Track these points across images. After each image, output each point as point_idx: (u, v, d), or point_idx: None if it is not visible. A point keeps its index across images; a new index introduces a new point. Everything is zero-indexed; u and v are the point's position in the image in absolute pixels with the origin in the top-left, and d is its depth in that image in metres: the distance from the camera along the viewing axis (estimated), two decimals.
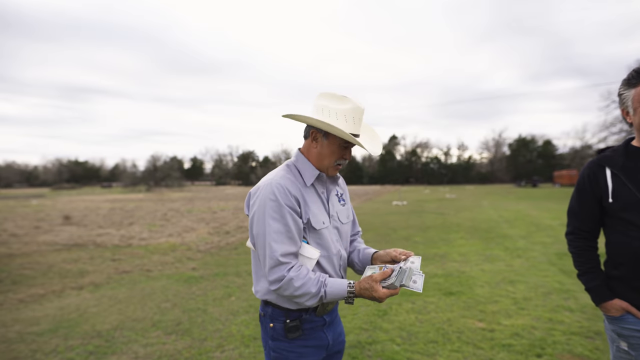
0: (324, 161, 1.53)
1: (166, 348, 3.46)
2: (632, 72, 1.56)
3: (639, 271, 1.56)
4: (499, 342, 3.43)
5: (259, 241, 1.44)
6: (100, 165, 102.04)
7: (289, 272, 1.39)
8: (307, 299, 1.41)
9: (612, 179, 1.63)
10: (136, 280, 6.04)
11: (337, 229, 1.61)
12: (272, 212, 1.41)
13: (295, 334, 1.49)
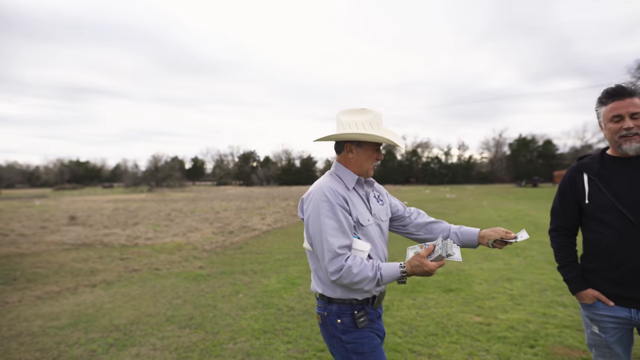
0: (363, 166, 1.78)
1: (181, 340, 3.67)
2: (604, 92, 1.80)
3: (609, 264, 1.79)
4: (495, 334, 3.64)
5: (316, 239, 1.63)
6: (102, 165, 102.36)
7: (346, 261, 1.57)
8: (365, 284, 1.57)
9: (589, 183, 1.85)
10: (146, 278, 6.25)
11: (379, 226, 1.83)
12: (326, 212, 1.61)
13: (364, 323, 1.67)
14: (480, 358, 3.19)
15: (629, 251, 1.72)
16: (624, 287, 1.76)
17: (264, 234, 11.40)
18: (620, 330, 1.83)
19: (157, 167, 61.70)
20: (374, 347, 1.67)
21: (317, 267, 1.72)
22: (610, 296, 1.81)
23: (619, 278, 1.77)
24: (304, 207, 1.72)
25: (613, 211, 1.76)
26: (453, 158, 72.15)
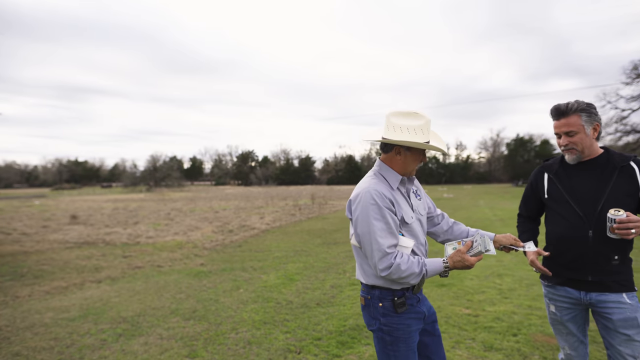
0: (409, 168, 1.89)
1: (186, 331, 3.89)
2: (552, 109, 2.07)
3: (561, 250, 2.07)
4: (481, 325, 3.88)
5: (364, 239, 1.76)
6: (100, 165, 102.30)
7: (395, 259, 1.71)
8: (412, 278, 1.73)
9: (548, 181, 2.16)
10: (149, 275, 6.46)
11: (419, 220, 1.96)
12: (374, 214, 1.73)
13: (403, 309, 1.81)
14: (466, 345, 3.42)
15: (576, 240, 1.99)
16: (572, 270, 2.03)
17: (262, 233, 11.62)
18: (574, 310, 2.09)
19: (156, 166, 61.78)
20: (408, 333, 1.82)
21: (362, 261, 1.87)
22: (562, 278, 2.08)
23: (568, 263, 2.05)
24: (352, 208, 1.83)
25: (566, 205, 2.04)
26: (451, 158, 72.48)
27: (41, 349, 3.53)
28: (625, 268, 1.96)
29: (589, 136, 1.99)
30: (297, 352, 3.35)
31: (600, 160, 2.02)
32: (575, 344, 2.14)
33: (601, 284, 1.96)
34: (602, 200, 1.94)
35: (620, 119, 29.57)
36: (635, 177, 1.95)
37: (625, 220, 1.80)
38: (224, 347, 3.49)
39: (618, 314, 1.92)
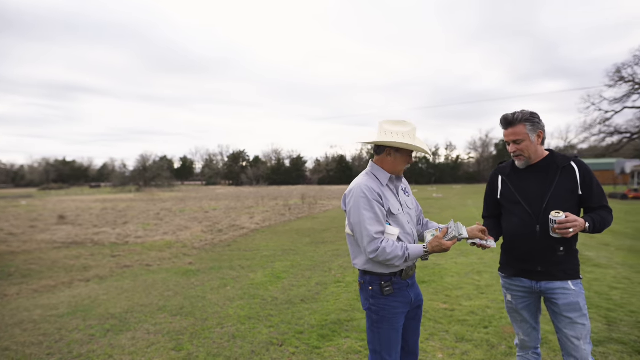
0: (398, 168, 2.18)
1: (173, 326, 4.02)
2: (501, 119, 2.28)
3: (514, 244, 2.29)
4: (456, 318, 4.07)
5: (356, 227, 2.04)
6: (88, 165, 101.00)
7: (381, 243, 1.98)
8: (396, 260, 1.98)
9: (502, 183, 2.38)
10: (137, 274, 6.56)
11: (408, 214, 2.22)
12: (364, 205, 2.02)
13: (389, 291, 2.07)
14: (439, 337, 3.61)
15: (526, 235, 2.20)
16: (524, 262, 2.24)
17: (252, 233, 11.73)
18: (528, 299, 2.29)
19: (146, 166, 61.27)
20: (393, 314, 2.08)
21: (356, 249, 2.15)
22: (516, 270, 2.29)
23: (520, 256, 2.26)
24: (346, 201, 2.14)
25: (516, 204, 2.26)
26: (441, 158, 73.20)
27: (30, 344, 3.64)
28: (570, 258, 2.17)
29: (533, 143, 2.20)
30: (279, 345, 3.51)
31: (546, 162, 2.24)
32: (528, 330, 2.34)
33: (549, 273, 2.17)
34: (547, 199, 2.16)
35: (603, 120, 30.29)
36: (575, 175, 2.17)
37: (564, 221, 2.01)
38: (209, 341, 3.63)
39: (563, 299, 2.13)
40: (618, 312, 4.21)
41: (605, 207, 2.19)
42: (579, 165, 2.19)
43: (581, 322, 2.11)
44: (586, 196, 2.17)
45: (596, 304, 4.49)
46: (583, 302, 2.14)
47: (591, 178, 2.18)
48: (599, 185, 2.20)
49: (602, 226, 2.12)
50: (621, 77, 28.48)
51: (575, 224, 2.02)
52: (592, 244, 8.80)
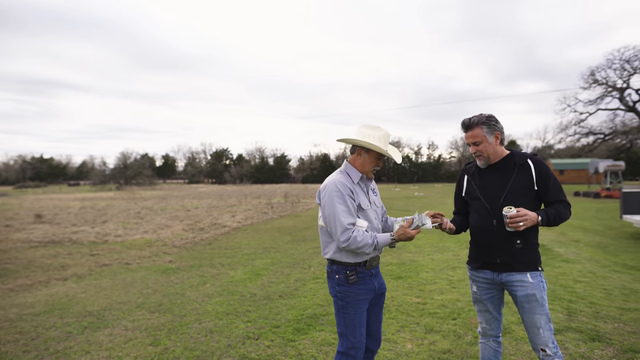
0: (366, 168, 2.38)
1: (151, 322, 4.07)
2: (461, 123, 2.43)
3: (477, 238, 2.46)
4: (427, 311, 4.24)
5: (330, 219, 2.22)
6: (67, 162, 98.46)
7: (353, 232, 2.18)
8: (366, 248, 2.18)
9: (467, 181, 2.55)
10: (116, 272, 6.54)
11: (375, 211, 2.44)
12: (337, 199, 2.22)
13: (353, 280, 2.27)
14: (410, 329, 3.77)
15: (485, 229, 2.37)
16: (486, 255, 2.40)
17: (233, 231, 11.75)
18: (491, 290, 2.44)
19: (126, 164, 60.16)
20: (357, 300, 2.28)
21: (327, 239, 2.34)
22: (480, 262, 2.44)
23: (481, 248, 2.43)
24: (321, 195, 2.32)
25: (478, 201, 2.43)
26: (423, 157, 74.15)
27: (6, 342, 3.64)
28: (528, 250, 2.29)
29: (491, 144, 2.36)
30: (255, 339, 3.60)
31: (505, 161, 2.39)
32: (490, 320, 2.50)
33: (508, 264, 2.31)
34: (503, 195, 2.31)
35: (578, 121, 31.26)
36: (531, 172, 2.31)
37: (514, 215, 2.16)
38: (186, 336, 3.70)
39: (521, 290, 2.27)
40: (579, 303, 4.45)
41: (563, 201, 2.30)
42: (535, 163, 2.32)
43: (539, 312, 2.24)
44: (542, 191, 2.29)
45: (560, 296, 4.73)
46: (541, 293, 2.25)
47: (547, 174, 2.30)
48: (555, 180, 2.32)
49: (558, 220, 2.24)
50: (595, 79, 29.47)
51: (525, 218, 2.15)
52: (564, 241, 9.16)
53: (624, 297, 4.72)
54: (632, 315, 4.06)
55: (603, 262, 6.88)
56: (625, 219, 9.48)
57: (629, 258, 7.21)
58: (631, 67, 27.74)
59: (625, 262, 6.92)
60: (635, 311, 4.18)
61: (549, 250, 7.80)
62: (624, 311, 4.18)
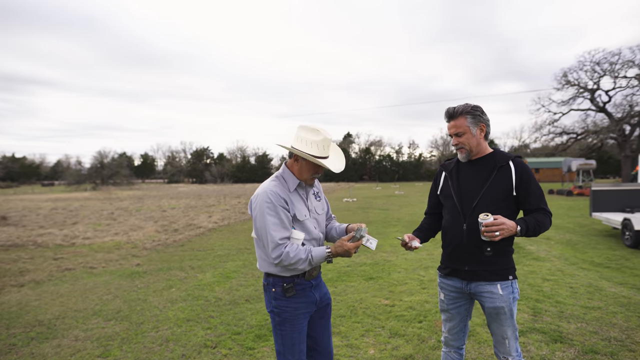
0: (303, 175, 2.13)
1: (105, 331, 3.86)
2: (445, 112, 2.26)
3: (446, 242, 2.29)
4: (394, 314, 4.17)
5: (261, 232, 2.01)
6: (41, 162, 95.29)
7: (285, 248, 1.97)
8: (300, 264, 1.97)
9: (444, 178, 2.35)
10: (79, 277, 6.26)
11: (316, 219, 2.21)
12: (269, 211, 1.99)
13: (291, 293, 2.07)
14: (374, 333, 3.68)
15: (455, 233, 2.19)
16: (454, 261, 2.23)
17: (209, 232, 11.50)
18: (459, 300, 2.26)
19: (103, 163, 58.57)
20: (295, 316, 2.08)
21: (261, 252, 2.12)
22: (449, 269, 2.27)
23: (450, 253, 2.26)
24: (252, 206, 2.09)
25: (450, 201, 2.24)
26: (404, 156, 74.72)
27: None
28: (499, 259, 2.11)
29: (475, 136, 2.16)
30: (212, 347, 3.45)
31: (486, 159, 2.19)
32: (454, 331, 2.32)
33: (476, 273, 2.13)
34: (478, 197, 2.10)
35: (552, 121, 32.00)
36: (511, 175, 2.10)
37: (490, 223, 1.95)
38: (139, 346, 3.51)
39: (490, 302, 2.10)
40: (545, 302, 4.46)
41: (543, 209, 2.10)
42: (516, 165, 2.12)
43: (506, 325, 2.12)
44: (522, 198, 2.10)
45: (527, 295, 4.73)
46: (510, 306, 2.10)
47: (529, 179, 2.10)
48: (537, 187, 2.13)
49: (538, 230, 2.05)
50: (567, 81, 30.20)
51: (502, 227, 1.95)
52: (535, 239, 9.29)
53: (588, 295, 4.76)
54: (595, 314, 4.08)
55: (572, 259, 6.98)
56: (595, 217, 9.68)
57: (597, 255, 7.34)
58: (601, 69, 28.56)
59: (592, 259, 7.04)
60: (598, 310, 4.21)
61: (521, 249, 7.88)
62: (588, 310, 4.21)
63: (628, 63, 27.23)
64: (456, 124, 2.19)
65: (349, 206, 19.15)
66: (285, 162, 2.22)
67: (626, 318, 3.96)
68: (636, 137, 28.31)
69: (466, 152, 2.20)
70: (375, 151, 74.50)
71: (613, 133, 28.61)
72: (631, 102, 28.07)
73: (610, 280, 5.49)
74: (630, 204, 9.40)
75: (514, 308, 2.16)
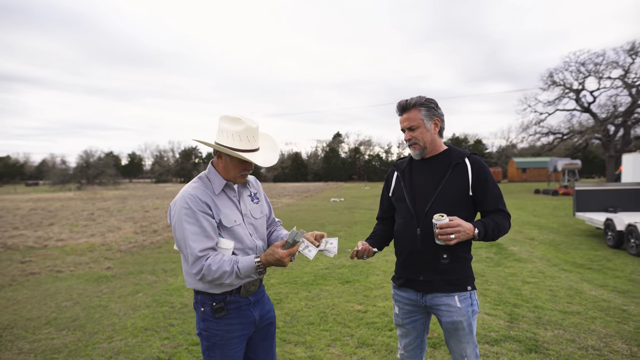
0: (230, 173, 1.84)
1: (53, 343, 3.59)
2: (397, 105, 2.05)
3: (399, 248, 2.08)
4: (365, 321, 3.96)
5: (181, 243, 1.73)
6: (25, 161, 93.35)
7: (206, 261, 1.67)
8: (225, 278, 1.66)
9: (396, 179, 2.14)
10: (42, 282, 5.95)
11: (252, 224, 1.91)
12: (187, 218, 1.69)
13: (221, 314, 1.77)
14: (342, 342, 3.47)
15: (408, 238, 1.98)
16: (408, 270, 2.02)
17: None
18: (415, 315, 2.07)
19: (89, 163, 57.52)
20: (226, 340, 1.78)
21: (186, 266, 1.80)
22: (403, 279, 2.06)
23: (403, 261, 2.05)
24: (171, 213, 1.79)
25: (403, 203, 2.03)
26: (393, 156, 74.71)
27: None
28: (457, 267, 1.94)
29: (429, 131, 1.99)
30: None
31: (441, 157, 2.02)
32: (410, 348, 2.12)
33: (431, 283, 1.95)
34: (432, 198, 1.92)
35: (538, 121, 32.23)
36: (467, 174, 1.94)
37: (445, 225, 1.77)
38: (86, 359, 3.25)
39: (447, 317, 1.93)
40: (523, 307, 4.30)
41: (501, 210, 1.95)
42: (472, 163, 1.96)
43: (465, 341, 1.93)
44: (479, 198, 1.94)
45: (506, 300, 4.57)
46: (469, 320, 1.93)
47: (486, 178, 1.94)
48: (495, 186, 1.97)
49: (496, 233, 1.88)
50: (553, 81, 30.42)
51: (457, 229, 1.76)
52: (519, 239, 9.20)
53: (568, 299, 4.62)
54: (573, 319, 3.93)
55: (554, 260, 6.88)
56: (578, 216, 9.63)
57: (579, 256, 7.25)
58: (586, 69, 28.81)
59: (574, 259, 6.94)
60: (577, 315, 4.06)
61: (504, 249, 7.76)
62: (567, 315, 4.05)
63: (612, 64, 27.52)
64: (409, 116, 1.99)
65: (335, 206, 18.95)
66: (212, 161, 1.91)
67: (605, 324, 3.81)
68: (620, 137, 28.63)
69: (420, 148, 2.01)
70: (365, 151, 74.49)
71: (598, 133, 28.90)
72: (615, 102, 28.41)
73: (591, 282, 5.37)
74: (613, 203, 9.37)
75: (474, 322, 1.97)
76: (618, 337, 3.49)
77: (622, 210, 9.08)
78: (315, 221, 13.04)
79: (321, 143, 77.62)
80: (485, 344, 3.38)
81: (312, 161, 74.82)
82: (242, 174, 1.86)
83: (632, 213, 8.73)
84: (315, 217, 14.36)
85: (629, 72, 27.02)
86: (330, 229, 11.08)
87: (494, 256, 7.13)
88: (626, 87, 27.27)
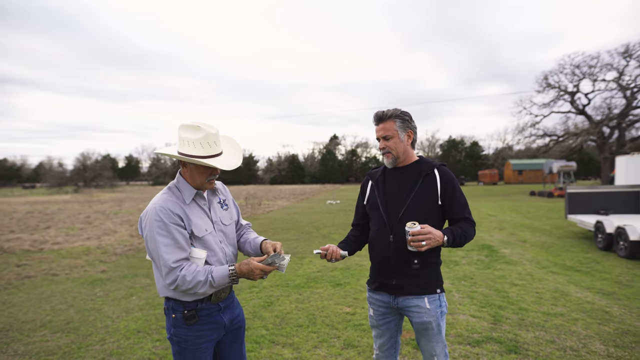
0: (197, 181, 1.87)
1: (47, 345, 3.67)
2: (374, 115, 2.17)
3: (373, 255, 2.19)
4: (353, 323, 4.06)
5: (154, 255, 1.77)
6: (22, 164, 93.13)
7: (180, 271, 1.72)
8: (200, 287, 1.73)
9: (370, 187, 2.25)
10: (38, 285, 6.02)
11: (222, 231, 1.96)
12: (159, 230, 1.73)
13: (192, 321, 1.82)
14: (328, 344, 3.57)
15: (382, 245, 2.10)
16: (382, 275, 2.14)
17: None
18: (388, 316, 2.18)
19: (86, 165, 57.52)
20: (197, 345, 1.84)
21: (158, 274, 1.85)
22: (377, 283, 2.17)
23: (376, 267, 2.17)
24: (142, 225, 1.83)
25: (377, 211, 2.15)
26: None
27: None
28: (427, 272, 2.06)
29: (403, 142, 2.12)
30: None
31: (412, 167, 2.15)
32: (385, 348, 2.22)
33: (403, 287, 2.06)
34: (404, 207, 2.04)
35: (534, 123, 32.46)
36: (436, 184, 2.07)
37: (417, 232, 1.89)
38: None
39: (417, 317, 2.04)
40: (508, 309, 4.40)
41: (467, 219, 2.09)
42: (441, 174, 2.10)
43: (435, 341, 2.04)
44: (447, 207, 2.08)
45: (491, 302, 4.68)
46: (438, 321, 2.05)
47: (453, 188, 2.08)
48: (462, 195, 2.11)
49: (463, 240, 2.03)
50: (548, 83, 30.69)
51: (428, 236, 1.89)
52: (511, 241, 9.31)
53: (553, 300, 4.72)
54: (555, 321, 4.04)
55: (544, 262, 6.98)
56: (570, 219, 9.74)
57: (569, 258, 7.36)
58: (580, 72, 29.08)
59: (564, 262, 7.05)
60: (560, 316, 4.17)
61: (495, 252, 7.87)
62: (549, 317, 4.16)
63: (607, 66, 27.80)
64: (385, 126, 2.13)
65: (331, 208, 19.06)
66: (179, 170, 1.94)
67: (586, 325, 3.92)
68: (615, 139, 28.86)
69: (392, 157, 2.14)
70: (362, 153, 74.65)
71: (593, 135, 29.15)
72: (610, 104, 28.68)
73: (578, 284, 5.48)
74: (604, 206, 9.49)
75: (442, 323, 2.08)
76: (597, 338, 3.60)
77: (613, 213, 9.20)
78: (310, 224, 13.13)
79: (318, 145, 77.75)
80: (467, 345, 3.48)
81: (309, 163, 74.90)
82: (209, 179, 1.90)
83: (622, 215, 8.85)
84: (311, 219, 14.45)
85: (623, 75, 27.31)
86: (325, 232, 11.18)
87: (485, 259, 7.24)
88: (621, 89, 27.54)
